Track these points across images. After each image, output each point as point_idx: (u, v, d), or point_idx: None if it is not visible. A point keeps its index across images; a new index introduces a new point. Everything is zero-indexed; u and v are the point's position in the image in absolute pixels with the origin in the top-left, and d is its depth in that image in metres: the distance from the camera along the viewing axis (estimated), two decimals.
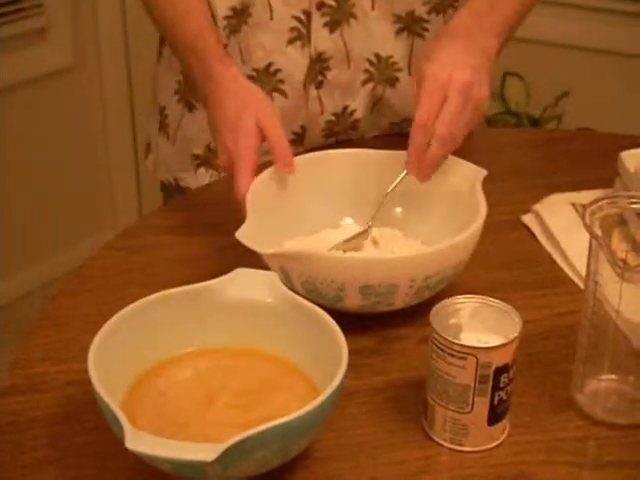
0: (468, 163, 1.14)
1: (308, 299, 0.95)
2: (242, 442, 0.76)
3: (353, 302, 1.01)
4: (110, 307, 0.92)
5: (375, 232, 1.15)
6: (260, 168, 1.12)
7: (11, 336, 1.58)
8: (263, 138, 1.13)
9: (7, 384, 0.98)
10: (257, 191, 1.09)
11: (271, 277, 0.95)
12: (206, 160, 1.44)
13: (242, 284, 0.95)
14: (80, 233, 2.87)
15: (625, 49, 2.69)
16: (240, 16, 1.33)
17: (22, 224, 2.72)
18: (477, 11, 1.20)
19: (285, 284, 0.98)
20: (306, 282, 1.01)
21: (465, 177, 1.13)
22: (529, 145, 1.52)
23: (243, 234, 1.00)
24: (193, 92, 1.33)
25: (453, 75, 1.09)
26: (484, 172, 1.13)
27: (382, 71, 1.38)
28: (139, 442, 0.77)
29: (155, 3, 1.30)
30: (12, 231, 2.70)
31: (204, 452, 0.76)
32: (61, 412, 0.94)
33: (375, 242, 1.14)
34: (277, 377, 0.93)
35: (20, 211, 2.71)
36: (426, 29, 1.38)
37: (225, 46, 1.32)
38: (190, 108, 1.42)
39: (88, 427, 0.92)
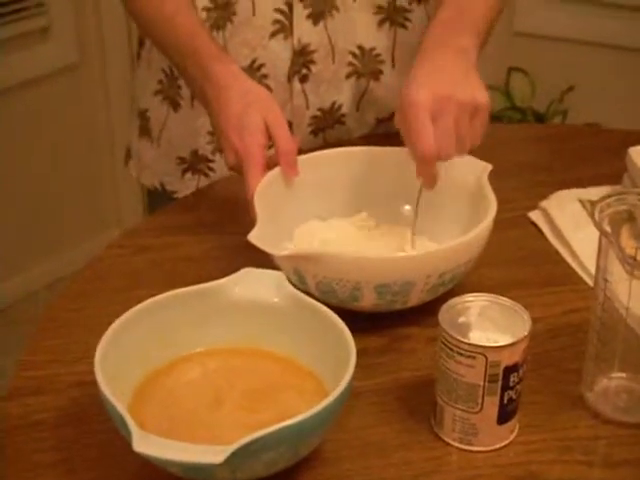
0: (473, 158, 1.14)
1: (322, 300, 0.95)
2: (251, 444, 0.76)
3: (368, 301, 1.01)
4: (116, 308, 0.92)
5: (385, 229, 1.15)
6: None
7: (16, 336, 1.58)
8: (269, 136, 1.12)
9: (13, 386, 0.98)
10: (264, 192, 1.08)
11: (278, 277, 0.95)
12: (192, 165, 1.43)
13: (249, 284, 0.95)
14: (85, 232, 2.87)
15: (630, 44, 2.69)
16: (222, 10, 1.32)
17: (27, 223, 2.73)
18: (444, 19, 1.18)
19: (298, 286, 0.98)
20: (321, 283, 1.00)
21: (471, 172, 1.12)
22: (535, 141, 1.51)
23: (255, 236, 0.99)
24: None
25: (431, 94, 1.06)
26: (489, 166, 1.13)
27: (366, 64, 1.37)
28: (146, 444, 0.77)
29: (141, 6, 1.28)
30: (17, 230, 2.70)
31: (212, 454, 0.75)
32: (68, 414, 0.94)
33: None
34: (285, 377, 0.92)
35: (25, 210, 2.72)
36: (408, 19, 1.37)
37: None
38: (175, 107, 1.41)
39: (95, 429, 0.91)
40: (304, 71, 1.35)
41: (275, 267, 1.00)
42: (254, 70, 1.34)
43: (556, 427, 0.92)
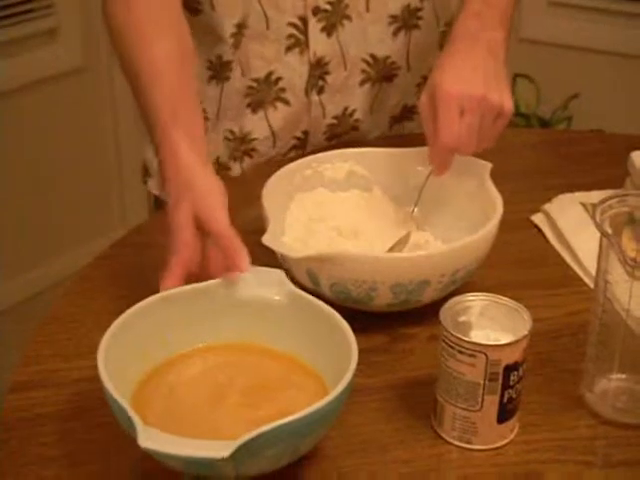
0: (473, 158, 1.15)
1: (335, 301, 0.97)
2: (255, 439, 0.76)
3: (383, 301, 1.02)
4: (120, 304, 0.92)
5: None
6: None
7: (21, 335, 1.58)
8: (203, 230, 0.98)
9: (17, 380, 0.98)
10: (272, 191, 1.09)
11: (279, 275, 0.96)
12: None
13: (250, 282, 0.95)
14: (90, 233, 2.87)
15: (635, 51, 2.69)
16: (242, 29, 1.32)
17: (32, 223, 2.73)
18: (474, 11, 1.19)
19: (309, 287, 0.99)
20: (336, 284, 1.01)
21: (472, 171, 1.14)
22: (539, 145, 1.52)
23: (268, 238, 1.00)
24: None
25: (466, 90, 1.08)
26: (489, 165, 1.14)
27: (379, 70, 1.38)
28: (151, 439, 0.77)
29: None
30: (22, 230, 2.70)
31: (217, 449, 0.76)
32: (70, 408, 0.94)
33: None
34: (286, 374, 0.93)
35: (30, 210, 2.72)
36: (421, 18, 1.37)
37: (229, 62, 1.32)
38: None
39: (97, 423, 0.92)
40: (320, 83, 1.35)
41: (278, 266, 1.00)
42: (271, 83, 1.34)
43: (556, 427, 0.93)
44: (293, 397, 0.90)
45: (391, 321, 1.05)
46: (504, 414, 0.89)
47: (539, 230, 1.24)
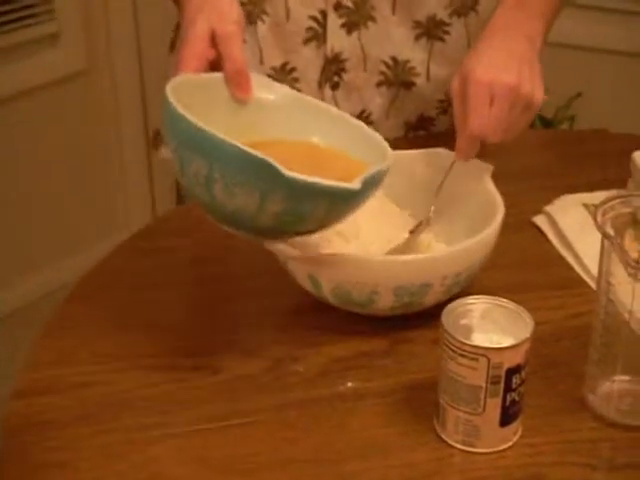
0: (475, 159, 1.14)
1: (336, 304, 0.98)
2: (371, 177, 0.87)
3: (385, 304, 1.01)
4: (124, 309, 0.92)
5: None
6: None
7: (24, 339, 1.59)
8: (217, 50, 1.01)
9: (20, 386, 0.98)
10: None
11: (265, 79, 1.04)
12: None
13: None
14: (94, 236, 2.87)
15: (638, 50, 2.68)
16: (254, 6, 1.32)
17: (36, 227, 2.73)
18: (516, 1, 1.19)
19: (313, 291, 0.99)
20: (337, 287, 1.00)
21: (473, 173, 1.13)
22: (541, 146, 1.52)
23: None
24: None
25: (497, 78, 1.08)
26: (491, 167, 1.13)
27: (398, 74, 1.38)
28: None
29: None
30: (25, 234, 2.71)
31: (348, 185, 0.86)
32: (73, 414, 0.94)
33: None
34: (329, 159, 0.98)
35: (34, 214, 2.72)
36: (447, 32, 1.37)
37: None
38: None
39: (100, 429, 0.92)
40: (335, 79, 1.35)
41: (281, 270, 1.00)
42: (286, 72, 1.35)
43: (559, 430, 0.93)
44: (346, 168, 0.94)
45: (393, 324, 1.05)
46: (507, 417, 0.89)
47: (541, 232, 1.24)
